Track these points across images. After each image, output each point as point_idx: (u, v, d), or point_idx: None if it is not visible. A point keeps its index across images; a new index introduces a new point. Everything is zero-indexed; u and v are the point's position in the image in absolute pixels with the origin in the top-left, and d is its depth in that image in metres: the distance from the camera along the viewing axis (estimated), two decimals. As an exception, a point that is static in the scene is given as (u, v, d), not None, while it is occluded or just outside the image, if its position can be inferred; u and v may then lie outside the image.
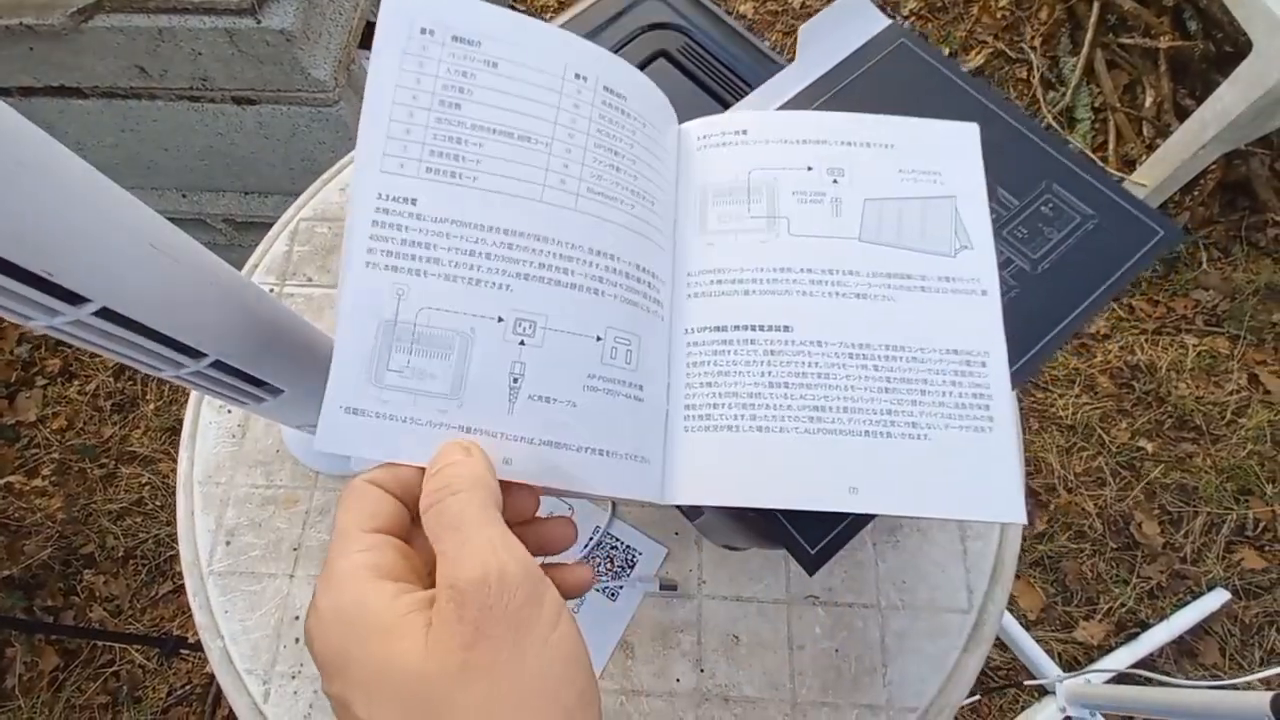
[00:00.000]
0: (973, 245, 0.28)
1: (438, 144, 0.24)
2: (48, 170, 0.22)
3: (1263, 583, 1.06)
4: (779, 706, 0.42)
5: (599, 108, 0.26)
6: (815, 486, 0.24)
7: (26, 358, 1.35)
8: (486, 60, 0.24)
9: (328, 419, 0.22)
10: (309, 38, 0.83)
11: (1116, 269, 0.31)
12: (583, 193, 0.25)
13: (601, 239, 0.25)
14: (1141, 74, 1.31)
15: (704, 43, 0.37)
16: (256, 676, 0.44)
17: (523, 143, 0.24)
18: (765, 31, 1.55)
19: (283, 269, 0.57)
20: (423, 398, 0.23)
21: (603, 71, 0.26)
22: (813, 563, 0.28)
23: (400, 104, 0.24)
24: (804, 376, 0.25)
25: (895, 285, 0.27)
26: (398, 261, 0.23)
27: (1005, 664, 1.03)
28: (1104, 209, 0.32)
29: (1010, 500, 0.25)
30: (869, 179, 0.28)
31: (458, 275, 0.23)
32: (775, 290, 0.27)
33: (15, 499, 1.24)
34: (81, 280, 0.23)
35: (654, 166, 0.27)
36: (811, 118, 0.30)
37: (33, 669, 1.13)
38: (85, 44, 0.82)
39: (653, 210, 0.27)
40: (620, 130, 0.26)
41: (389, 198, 0.23)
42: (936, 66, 0.35)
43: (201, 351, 0.30)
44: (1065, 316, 0.30)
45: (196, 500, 0.49)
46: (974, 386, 0.26)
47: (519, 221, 0.24)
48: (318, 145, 0.96)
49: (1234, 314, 1.21)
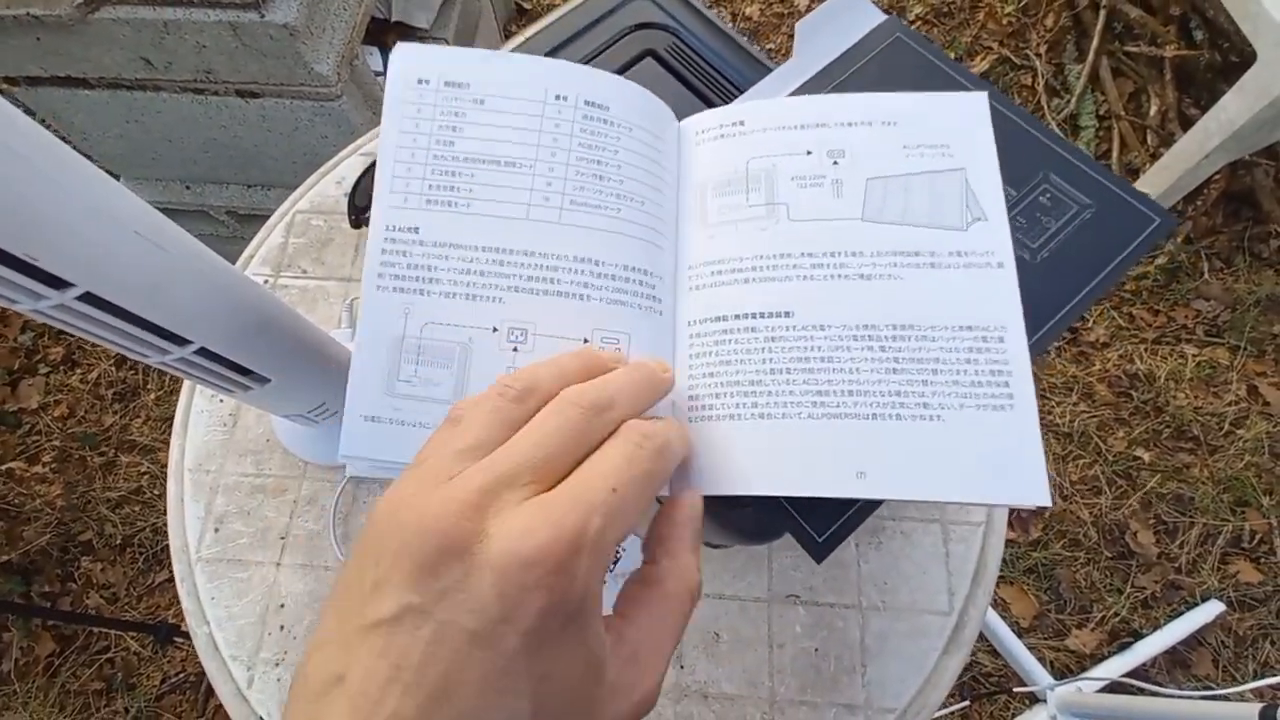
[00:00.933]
0: (986, 217, 0.27)
1: (435, 178, 0.27)
2: (32, 155, 0.22)
3: (1258, 595, 1.05)
4: (757, 704, 0.43)
5: (580, 122, 0.27)
6: (821, 472, 0.24)
7: (30, 345, 1.36)
8: (474, 99, 0.27)
9: (350, 426, 0.25)
10: (312, 32, 0.83)
11: (1115, 256, 0.31)
12: (565, 206, 0.27)
13: (586, 246, 0.26)
14: (1147, 82, 1.30)
15: (692, 43, 0.37)
16: (241, 663, 0.45)
17: (509, 168, 0.27)
18: (771, 34, 1.55)
19: (278, 260, 0.57)
20: (429, 403, 0.25)
21: (583, 87, 0.28)
22: (821, 550, 0.27)
23: (404, 146, 0.27)
24: (806, 361, 0.25)
25: (902, 263, 0.26)
26: (404, 283, 0.26)
27: (996, 670, 1.03)
28: (1100, 198, 0.32)
29: (1033, 481, 0.24)
30: (872, 157, 0.28)
31: (455, 292, 0.26)
32: (775, 277, 0.27)
33: (15, 485, 1.25)
34: (64, 265, 0.24)
35: (645, 168, 0.28)
36: (809, 101, 0.30)
37: (29, 654, 1.14)
38: (92, 35, 0.83)
39: (644, 211, 0.27)
40: (604, 140, 0.27)
41: (395, 228, 0.26)
42: (932, 60, 0.35)
43: (186, 339, 0.30)
44: (1066, 304, 0.30)
45: (186, 487, 0.50)
46: (991, 363, 0.25)
47: (508, 240, 0.26)
48: (320, 139, 0.97)
49: (1235, 325, 1.20)
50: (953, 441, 0.24)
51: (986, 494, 0.24)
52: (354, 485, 0.49)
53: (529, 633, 0.17)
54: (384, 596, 0.17)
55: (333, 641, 0.18)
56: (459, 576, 0.17)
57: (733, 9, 1.59)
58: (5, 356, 1.35)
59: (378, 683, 0.16)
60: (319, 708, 0.17)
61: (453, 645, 0.17)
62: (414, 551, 0.17)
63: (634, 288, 0.27)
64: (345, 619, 0.18)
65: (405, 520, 0.18)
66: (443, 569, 0.17)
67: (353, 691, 0.16)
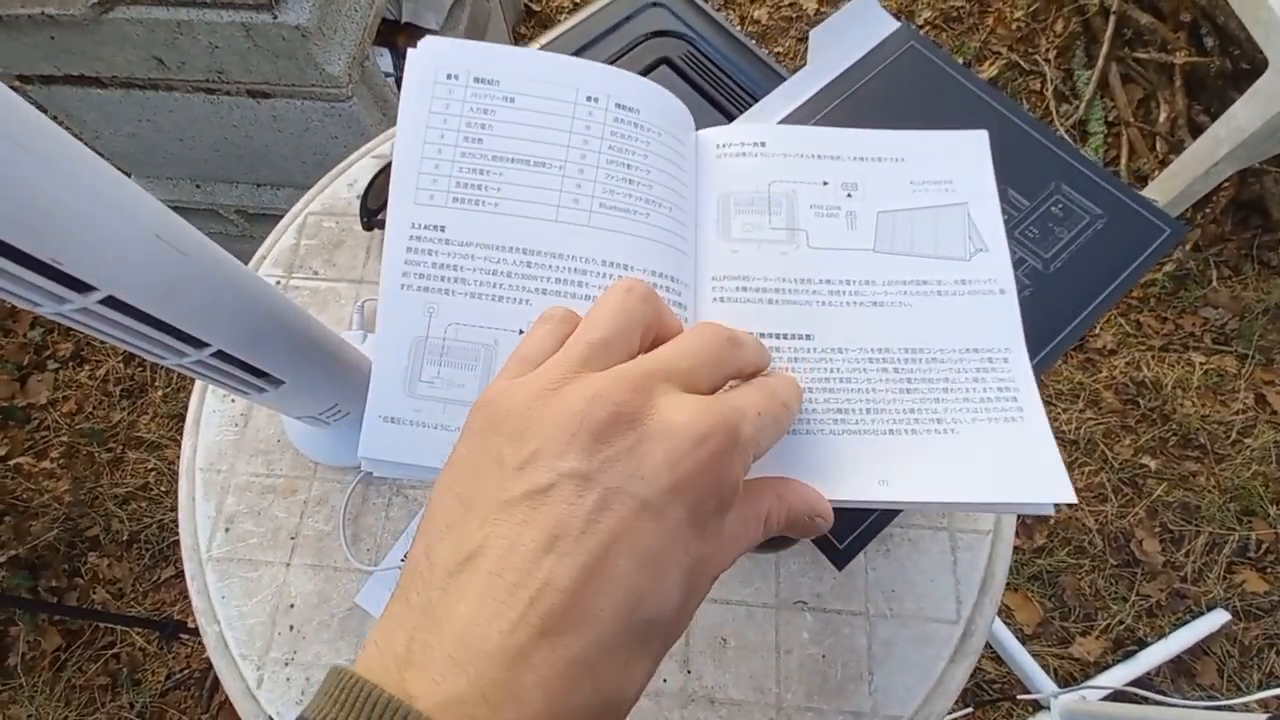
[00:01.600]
0: (987, 248, 0.29)
1: (463, 175, 0.26)
2: (55, 158, 0.22)
3: (1264, 605, 1.05)
4: (764, 710, 0.43)
5: (611, 125, 0.27)
6: (844, 480, 0.25)
7: (39, 341, 1.37)
8: (504, 96, 0.27)
9: (369, 427, 0.24)
10: (324, 33, 0.84)
11: (1126, 266, 0.32)
12: (595, 209, 0.27)
13: (614, 250, 0.26)
14: (1156, 89, 1.30)
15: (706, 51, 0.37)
16: (251, 662, 0.45)
17: (539, 168, 0.26)
18: (779, 37, 1.55)
19: (290, 262, 0.57)
20: (452, 405, 0.25)
21: (614, 89, 0.27)
22: (842, 558, 0.28)
23: (430, 142, 0.26)
24: (827, 382, 0.26)
25: (911, 291, 0.28)
26: (429, 283, 0.25)
27: (1000, 677, 1.03)
28: (1111, 208, 0.33)
29: (1054, 479, 0.24)
30: (882, 192, 0.30)
31: (482, 293, 0.25)
32: (797, 300, 0.28)
33: (24, 480, 1.26)
34: (88, 269, 0.24)
35: (671, 174, 0.28)
36: (826, 134, 0.31)
37: (35, 648, 1.15)
38: (105, 34, 0.84)
39: (670, 216, 0.28)
40: (634, 144, 0.27)
41: (421, 226, 0.26)
42: (946, 70, 0.36)
43: (204, 341, 0.30)
44: (1080, 313, 0.31)
45: (198, 486, 0.50)
46: (998, 381, 0.26)
47: (536, 241, 0.26)
48: (330, 140, 0.97)
49: (1243, 333, 1.20)
50: (970, 450, 0.25)
51: (1009, 493, 0.25)
52: (364, 486, 0.49)
53: (694, 509, 0.17)
54: (537, 469, 0.16)
55: (460, 523, 0.17)
56: (631, 444, 0.17)
57: (741, 12, 1.59)
58: (15, 352, 1.36)
59: (527, 552, 0.16)
60: (450, 586, 0.16)
61: (619, 513, 0.16)
62: (582, 420, 0.17)
63: (661, 294, 0.27)
64: (476, 500, 0.17)
65: (568, 396, 0.17)
66: (615, 437, 0.17)
67: (493, 564, 0.16)
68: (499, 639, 0.15)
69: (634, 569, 0.16)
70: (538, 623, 0.15)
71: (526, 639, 0.15)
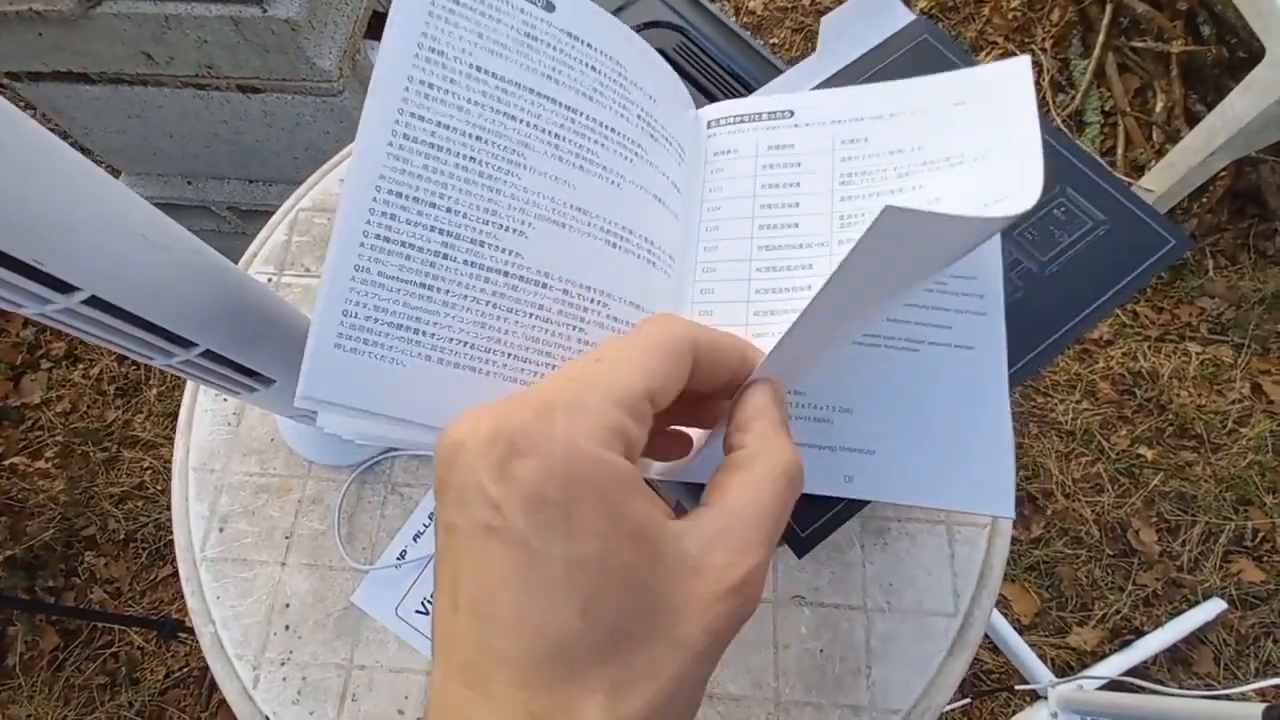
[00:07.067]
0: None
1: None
2: (37, 159, 0.22)
3: (1260, 594, 1.05)
4: (762, 705, 0.43)
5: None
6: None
7: (32, 340, 1.36)
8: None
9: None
10: (314, 27, 0.83)
11: (1124, 276, 0.31)
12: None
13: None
14: (1153, 78, 1.29)
15: (700, 42, 0.37)
16: (246, 662, 0.45)
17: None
18: (774, 28, 1.54)
19: (281, 259, 0.57)
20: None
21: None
22: (802, 546, 0.28)
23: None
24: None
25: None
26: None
27: (997, 668, 1.04)
28: (1115, 215, 0.32)
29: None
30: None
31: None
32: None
33: (19, 480, 1.25)
34: (71, 269, 0.23)
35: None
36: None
37: (33, 648, 1.14)
38: (93, 30, 0.83)
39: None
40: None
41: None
42: (959, 65, 0.35)
43: (192, 341, 0.30)
44: (1070, 320, 0.31)
45: (191, 486, 0.50)
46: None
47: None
48: (322, 135, 0.96)
49: (1239, 322, 1.20)
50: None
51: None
52: (359, 485, 0.49)
53: (529, 510, 0.15)
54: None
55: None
56: (444, 477, 0.17)
57: (735, 3, 1.58)
58: (8, 352, 1.35)
59: (443, 617, 0.16)
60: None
61: (465, 549, 0.16)
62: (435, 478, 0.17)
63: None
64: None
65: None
66: (442, 475, 0.17)
67: (434, 637, 0.17)
68: None
69: (511, 604, 0.16)
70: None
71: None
